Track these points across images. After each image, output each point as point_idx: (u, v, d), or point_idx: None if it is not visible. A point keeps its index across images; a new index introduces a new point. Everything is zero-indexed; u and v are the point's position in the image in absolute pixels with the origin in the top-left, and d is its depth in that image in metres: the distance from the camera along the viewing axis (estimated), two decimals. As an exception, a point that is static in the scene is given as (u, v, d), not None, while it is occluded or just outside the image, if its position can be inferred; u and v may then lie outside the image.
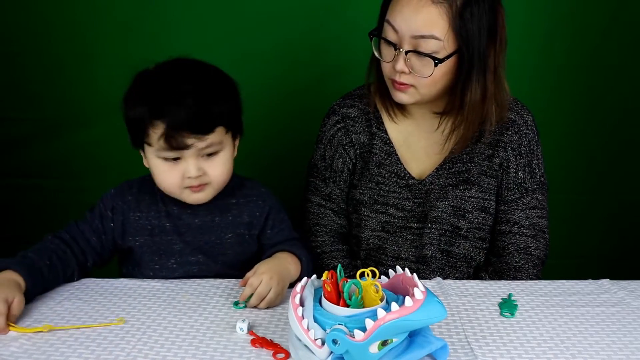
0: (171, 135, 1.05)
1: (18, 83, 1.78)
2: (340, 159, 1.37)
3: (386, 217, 1.34)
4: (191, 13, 1.71)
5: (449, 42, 1.17)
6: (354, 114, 1.37)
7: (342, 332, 0.80)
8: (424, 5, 1.15)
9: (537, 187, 1.34)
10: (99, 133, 1.81)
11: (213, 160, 1.12)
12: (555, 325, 1.00)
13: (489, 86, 1.22)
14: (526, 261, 1.31)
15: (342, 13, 1.72)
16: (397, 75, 1.21)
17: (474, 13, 1.16)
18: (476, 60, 1.19)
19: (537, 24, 1.67)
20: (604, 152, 1.84)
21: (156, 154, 1.10)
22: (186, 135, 1.06)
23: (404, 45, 1.18)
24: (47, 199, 1.86)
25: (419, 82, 1.20)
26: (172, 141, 1.06)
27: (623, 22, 1.73)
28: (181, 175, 1.10)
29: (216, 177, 1.13)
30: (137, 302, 1.06)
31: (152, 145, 1.09)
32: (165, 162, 1.10)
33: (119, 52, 1.74)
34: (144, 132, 1.09)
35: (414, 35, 1.16)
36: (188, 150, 1.08)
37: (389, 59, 1.21)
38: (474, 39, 1.17)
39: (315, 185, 1.40)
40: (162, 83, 1.10)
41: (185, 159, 1.09)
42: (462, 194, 1.31)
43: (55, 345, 0.92)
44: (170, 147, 1.07)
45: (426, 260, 1.33)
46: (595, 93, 1.80)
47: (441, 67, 1.18)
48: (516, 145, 1.32)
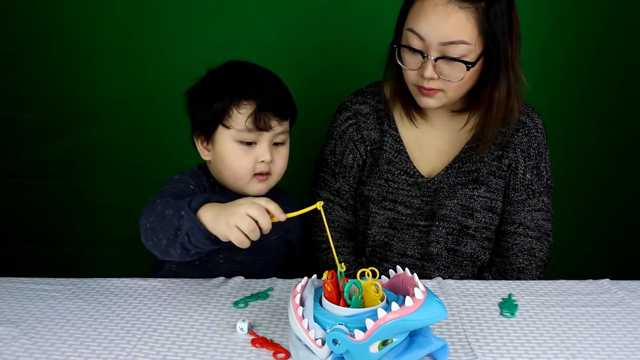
0: (259, 115, 1.14)
1: (18, 83, 1.78)
2: (350, 154, 1.38)
3: (394, 214, 1.34)
4: (191, 13, 1.71)
5: (477, 45, 1.17)
6: (366, 110, 1.38)
7: (342, 332, 0.80)
8: (451, 11, 1.15)
9: (543, 190, 1.35)
10: (99, 133, 1.81)
11: (279, 151, 1.21)
12: (555, 325, 1.00)
13: (512, 82, 1.23)
14: (530, 262, 1.31)
15: (343, 13, 1.72)
16: (425, 82, 1.21)
17: (497, 13, 1.16)
18: (502, 58, 1.20)
19: (538, 24, 1.67)
20: (604, 152, 1.84)
21: (235, 137, 1.16)
22: (271, 116, 1.15)
23: (431, 53, 1.18)
24: (47, 199, 1.86)
25: (447, 86, 1.21)
26: (259, 121, 1.14)
27: (625, 22, 1.73)
28: (254, 159, 1.17)
29: (279, 167, 1.21)
30: (137, 301, 1.06)
31: (234, 128, 1.16)
32: (240, 146, 1.17)
33: (119, 52, 1.74)
34: (227, 116, 1.15)
35: (443, 42, 1.16)
36: (267, 133, 1.16)
37: (415, 67, 1.21)
38: (499, 38, 1.18)
39: (324, 180, 1.41)
40: (245, 73, 1.20)
41: (261, 143, 1.17)
42: (470, 193, 1.32)
43: (56, 344, 0.92)
44: (256, 127, 1.15)
45: (432, 258, 1.33)
46: (597, 93, 1.80)
47: (470, 69, 1.18)
48: (525, 147, 1.33)
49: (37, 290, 1.10)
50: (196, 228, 0.96)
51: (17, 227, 1.90)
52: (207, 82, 1.21)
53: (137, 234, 1.93)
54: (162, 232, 1.01)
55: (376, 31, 1.44)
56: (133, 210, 1.85)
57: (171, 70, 1.73)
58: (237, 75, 1.20)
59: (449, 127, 1.35)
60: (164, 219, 1.00)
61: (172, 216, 0.99)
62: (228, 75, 1.20)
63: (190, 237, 0.97)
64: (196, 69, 1.23)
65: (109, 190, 1.86)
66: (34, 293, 1.09)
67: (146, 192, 1.83)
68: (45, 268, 1.53)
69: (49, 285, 1.12)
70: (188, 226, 0.96)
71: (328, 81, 1.75)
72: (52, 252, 1.91)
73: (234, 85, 1.17)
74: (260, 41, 1.72)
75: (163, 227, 1.00)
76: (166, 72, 1.74)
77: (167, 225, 0.99)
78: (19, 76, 1.77)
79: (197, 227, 0.96)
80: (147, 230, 1.04)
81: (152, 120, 1.79)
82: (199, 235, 0.96)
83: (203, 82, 1.22)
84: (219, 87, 1.18)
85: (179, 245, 0.99)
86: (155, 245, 1.03)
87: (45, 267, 1.85)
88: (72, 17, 1.72)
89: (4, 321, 0.99)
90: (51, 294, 1.08)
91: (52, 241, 1.90)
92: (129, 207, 1.87)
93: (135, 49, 1.74)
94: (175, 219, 0.98)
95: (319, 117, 1.49)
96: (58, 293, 1.09)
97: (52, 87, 1.77)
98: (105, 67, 1.75)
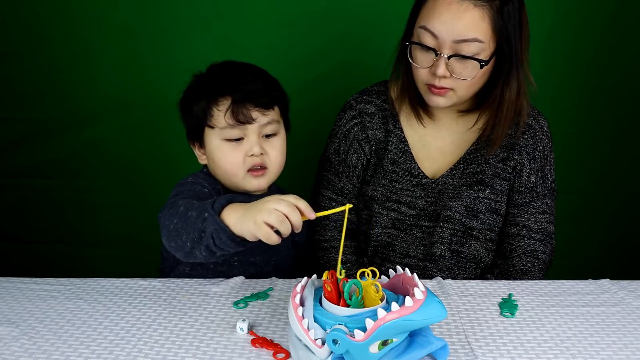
0: (237, 109, 1.13)
1: (18, 83, 1.78)
2: (354, 154, 1.38)
3: (397, 214, 1.34)
4: (191, 13, 1.71)
5: (490, 43, 1.17)
6: (371, 110, 1.37)
7: (342, 332, 0.80)
8: (466, 9, 1.14)
9: (547, 193, 1.35)
10: (99, 133, 1.81)
11: (272, 142, 1.19)
12: (555, 325, 1.00)
13: (521, 81, 1.23)
14: (533, 264, 1.31)
15: (344, 12, 1.72)
16: (437, 80, 1.20)
17: (510, 11, 1.16)
18: (514, 58, 1.20)
19: (538, 24, 1.67)
20: (604, 152, 1.84)
21: (220, 135, 1.16)
22: (251, 108, 1.14)
23: (444, 50, 1.17)
24: (47, 199, 1.86)
25: (459, 84, 1.21)
26: (238, 115, 1.13)
27: (623, 21, 1.73)
28: (244, 154, 1.16)
29: (274, 159, 1.19)
30: (137, 301, 1.06)
31: (216, 126, 1.16)
32: (228, 143, 1.16)
33: (119, 52, 1.74)
34: (209, 116, 1.16)
35: (456, 39, 1.16)
36: (251, 126, 1.15)
37: (427, 65, 1.21)
38: (511, 36, 1.18)
39: (327, 180, 1.41)
40: (223, 71, 1.20)
41: (248, 137, 1.16)
42: (475, 195, 1.32)
43: (56, 344, 0.92)
44: (236, 121, 1.14)
45: (434, 259, 1.33)
46: (596, 93, 1.80)
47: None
48: (531, 149, 1.33)
49: (37, 290, 1.10)
50: (221, 231, 0.93)
51: (17, 227, 1.90)
52: (190, 87, 1.22)
53: (137, 234, 1.95)
54: (186, 234, 0.98)
55: (378, 31, 1.45)
56: (133, 210, 1.87)
57: (171, 70, 1.74)
58: (215, 75, 1.20)
59: (455, 128, 1.35)
60: (187, 221, 0.98)
61: (196, 218, 0.97)
62: (207, 77, 1.21)
63: (215, 239, 0.94)
64: (196, 69, 1.23)
65: (109, 190, 1.86)
66: (34, 293, 1.09)
67: (146, 192, 1.85)
68: (45, 268, 1.54)
69: (49, 285, 1.12)
70: (212, 229, 0.93)
71: (329, 81, 1.75)
72: (52, 252, 1.91)
73: (210, 85, 1.18)
74: (260, 41, 1.72)
75: (187, 230, 0.98)
76: (166, 72, 1.74)
77: (191, 228, 0.97)
78: (19, 76, 1.77)
79: (222, 230, 0.93)
80: (171, 232, 1.02)
81: (151, 121, 1.79)
82: (224, 237, 0.93)
83: (187, 89, 1.23)
84: (198, 89, 1.19)
85: (204, 247, 0.96)
86: (179, 247, 1.01)
87: (45, 267, 1.87)
88: (72, 17, 1.72)
89: (4, 321, 0.99)
90: (51, 294, 1.08)
91: (52, 241, 1.90)
92: (129, 207, 1.88)
93: (135, 49, 1.74)
94: (199, 221, 0.96)
95: (320, 116, 1.50)
96: (58, 293, 1.09)
97: (52, 87, 1.78)
98: (105, 67, 1.76)
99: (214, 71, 1.21)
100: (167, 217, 1.04)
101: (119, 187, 1.86)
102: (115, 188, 1.86)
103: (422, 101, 1.30)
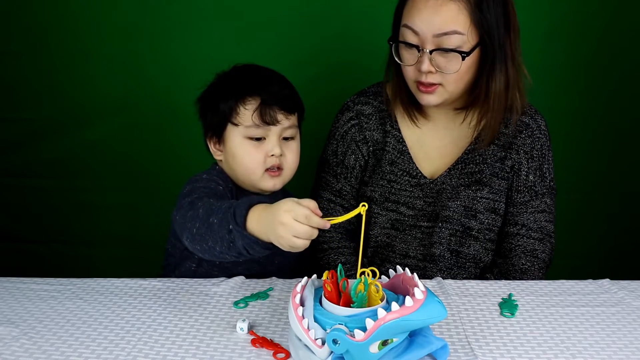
0: (265, 110, 1.18)
1: (17, 83, 1.78)
2: (352, 155, 1.38)
3: (396, 215, 1.34)
4: (191, 13, 1.71)
5: (471, 35, 1.19)
6: (368, 111, 1.38)
7: (342, 332, 0.80)
8: (442, 3, 1.17)
9: (546, 191, 1.35)
10: (99, 133, 1.81)
11: (289, 145, 1.23)
12: (555, 325, 1.00)
13: (511, 74, 1.24)
14: (532, 264, 1.31)
15: (343, 12, 1.72)
16: (424, 77, 1.22)
17: (490, 4, 1.18)
18: (497, 49, 1.21)
19: (537, 24, 1.67)
20: (604, 152, 1.84)
21: (244, 133, 1.19)
22: (277, 110, 1.19)
23: (426, 46, 1.19)
24: (47, 199, 1.86)
25: (446, 79, 1.22)
26: (265, 115, 1.18)
27: (623, 22, 1.73)
28: (264, 154, 1.20)
29: (290, 162, 1.23)
30: (137, 301, 1.06)
31: (241, 124, 1.19)
32: (250, 142, 1.20)
33: (119, 52, 1.74)
34: (235, 113, 1.19)
35: (436, 33, 1.18)
36: (275, 127, 1.19)
37: (412, 62, 1.22)
38: (493, 28, 1.19)
39: (326, 181, 1.41)
40: (250, 73, 1.24)
41: (270, 138, 1.20)
42: (474, 195, 1.32)
43: (56, 344, 0.92)
44: (262, 121, 1.18)
45: (434, 259, 1.33)
46: (596, 93, 1.80)
47: (466, 60, 1.19)
48: (529, 148, 1.33)
49: (37, 290, 1.10)
50: (253, 244, 0.93)
51: (17, 227, 1.90)
52: (214, 85, 1.25)
53: (137, 234, 1.95)
54: (213, 241, 0.98)
55: (377, 31, 1.44)
56: (133, 210, 1.87)
57: (171, 70, 1.74)
58: (242, 75, 1.24)
59: (452, 128, 1.35)
60: (211, 228, 0.97)
61: (219, 226, 0.96)
62: (234, 77, 1.24)
63: (249, 250, 0.95)
64: (196, 69, 1.24)
65: (109, 190, 1.86)
66: (34, 293, 1.09)
67: (146, 191, 1.85)
68: (45, 268, 1.54)
69: (49, 285, 1.12)
70: (244, 243, 0.94)
71: (328, 81, 1.75)
72: (52, 252, 1.91)
73: (239, 84, 1.21)
74: (260, 41, 1.72)
75: (213, 237, 0.97)
76: (166, 72, 1.74)
77: (217, 236, 0.96)
78: (19, 76, 1.77)
79: (254, 243, 0.93)
80: (194, 235, 1.01)
81: (151, 121, 1.79)
82: (258, 248, 0.94)
83: (211, 87, 1.26)
84: (226, 87, 1.22)
85: (236, 254, 0.98)
86: (205, 250, 1.01)
87: (45, 267, 1.86)
88: (72, 17, 1.72)
89: (4, 321, 0.99)
90: (51, 294, 1.08)
91: (52, 241, 1.90)
92: (129, 207, 1.88)
93: (135, 49, 1.74)
94: (224, 231, 0.95)
95: (319, 117, 1.49)
96: (58, 293, 1.09)
97: (51, 87, 1.78)
98: (104, 67, 1.75)
99: (241, 72, 1.25)
100: (187, 218, 1.04)
101: (119, 187, 1.86)
102: (115, 188, 1.86)
103: (415, 102, 1.31)
